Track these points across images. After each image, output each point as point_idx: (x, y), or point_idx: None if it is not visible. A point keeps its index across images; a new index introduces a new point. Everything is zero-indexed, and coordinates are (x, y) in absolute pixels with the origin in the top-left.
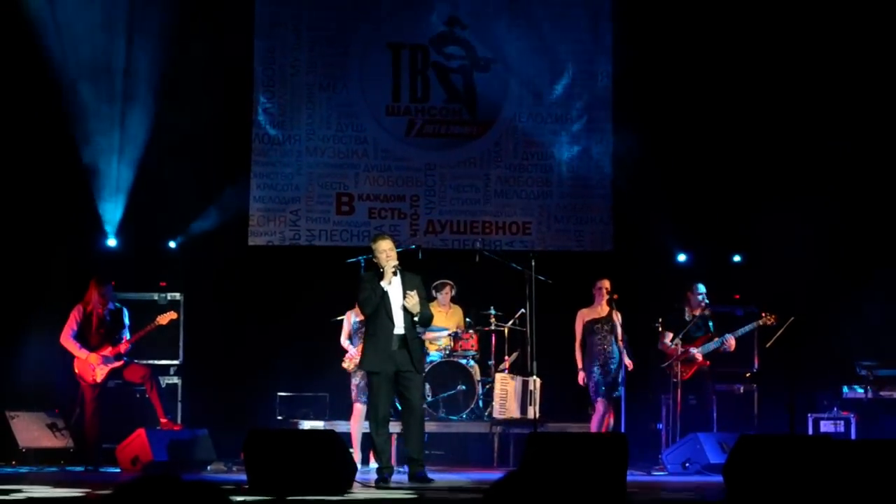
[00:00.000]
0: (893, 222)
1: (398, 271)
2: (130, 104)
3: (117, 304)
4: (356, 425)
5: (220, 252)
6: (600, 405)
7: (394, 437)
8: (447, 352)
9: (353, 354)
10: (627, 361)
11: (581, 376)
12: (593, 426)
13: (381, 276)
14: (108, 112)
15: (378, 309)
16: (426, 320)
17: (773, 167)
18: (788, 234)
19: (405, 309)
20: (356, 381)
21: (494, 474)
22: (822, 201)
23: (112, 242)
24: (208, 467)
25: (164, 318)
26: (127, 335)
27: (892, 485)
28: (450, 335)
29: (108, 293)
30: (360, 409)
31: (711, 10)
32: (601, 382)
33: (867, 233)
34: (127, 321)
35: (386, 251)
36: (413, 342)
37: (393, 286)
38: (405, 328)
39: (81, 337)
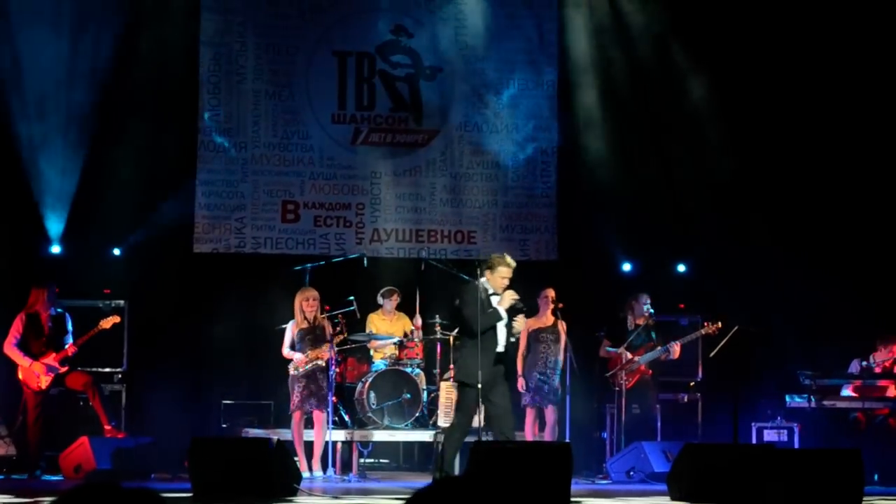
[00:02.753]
0: (836, 232)
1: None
2: (76, 110)
3: (59, 309)
4: (298, 433)
5: (164, 259)
6: (533, 412)
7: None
8: (392, 360)
9: (299, 360)
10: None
11: (520, 382)
12: (528, 433)
13: (483, 290)
14: (54, 119)
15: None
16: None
17: (716, 177)
18: (733, 245)
19: (507, 328)
20: (298, 388)
21: None
22: (766, 207)
23: (56, 249)
24: (152, 475)
25: (107, 322)
26: (71, 340)
27: (834, 493)
28: (395, 343)
29: (51, 298)
30: (298, 416)
31: (658, 16)
32: (540, 390)
33: (810, 243)
34: (70, 326)
35: (506, 278)
36: (506, 358)
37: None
38: (504, 345)
39: (25, 344)
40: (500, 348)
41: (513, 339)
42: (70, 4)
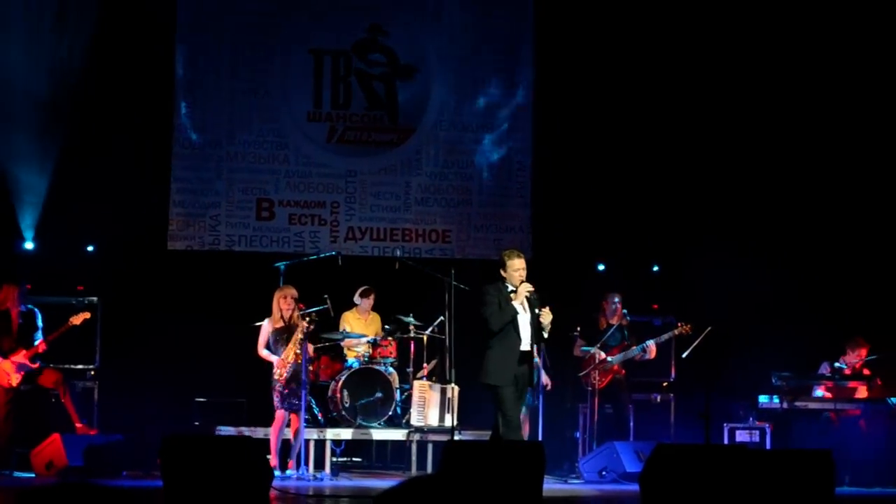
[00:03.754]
0: (809, 234)
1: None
2: (50, 106)
3: (29, 305)
4: (276, 432)
5: (138, 256)
6: None
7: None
8: (366, 358)
9: (280, 365)
10: (546, 380)
11: None
12: None
13: (503, 289)
14: (27, 115)
15: (507, 325)
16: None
17: (691, 179)
18: (706, 245)
19: (534, 326)
20: (279, 388)
21: None
22: (739, 209)
23: (29, 245)
24: (124, 473)
25: (77, 318)
26: (41, 337)
27: (806, 494)
28: (368, 342)
29: (22, 296)
30: (282, 415)
31: (633, 22)
32: None
33: (783, 245)
34: (40, 323)
35: (520, 270)
36: (533, 358)
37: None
38: (530, 345)
39: None
40: (525, 347)
41: (545, 335)
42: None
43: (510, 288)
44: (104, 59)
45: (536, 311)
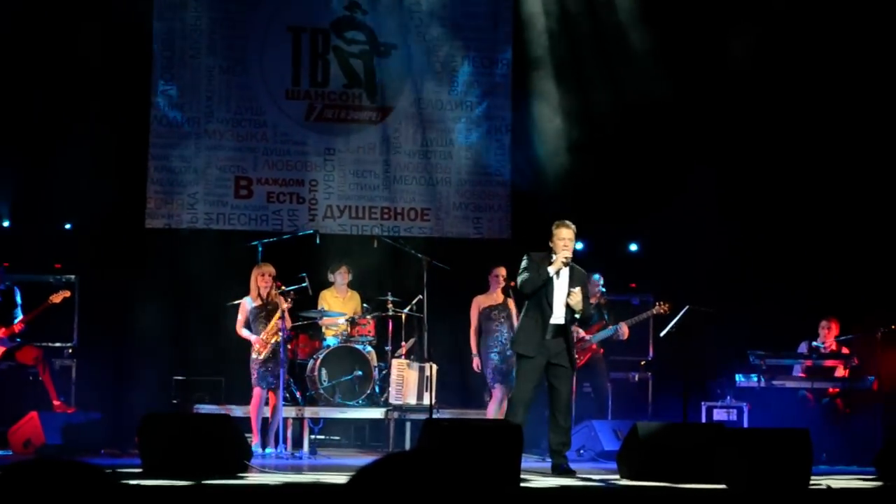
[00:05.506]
0: (788, 214)
1: (568, 263)
2: (27, 84)
3: (7, 283)
4: (255, 410)
5: (116, 234)
6: (498, 391)
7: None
8: (344, 337)
9: (259, 343)
10: None
11: (476, 362)
12: (490, 412)
13: (548, 259)
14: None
15: (539, 294)
16: (588, 318)
17: (670, 156)
18: (685, 224)
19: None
20: (256, 366)
21: None
22: (718, 189)
23: (6, 223)
24: (102, 451)
25: (57, 297)
26: (19, 315)
27: (783, 472)
28: (347, 320)
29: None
30: (259, 393)
31: None
32: (498, 369)
33: (761, 223)
34: (19, 300)
35: (565, 240)
36: (569, 334)
37: (559, 275)
38: (565, 319)
39: None
40: (557, 320)
41: (577, 315)
42: None
43: (553, 258)
44: (81, 36)
45: (573, 289)
